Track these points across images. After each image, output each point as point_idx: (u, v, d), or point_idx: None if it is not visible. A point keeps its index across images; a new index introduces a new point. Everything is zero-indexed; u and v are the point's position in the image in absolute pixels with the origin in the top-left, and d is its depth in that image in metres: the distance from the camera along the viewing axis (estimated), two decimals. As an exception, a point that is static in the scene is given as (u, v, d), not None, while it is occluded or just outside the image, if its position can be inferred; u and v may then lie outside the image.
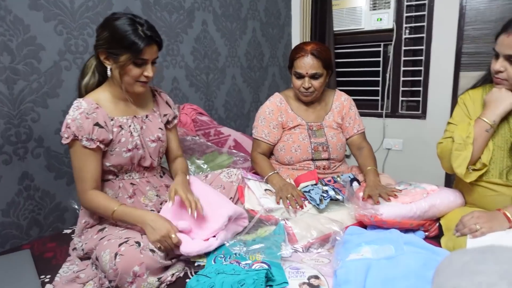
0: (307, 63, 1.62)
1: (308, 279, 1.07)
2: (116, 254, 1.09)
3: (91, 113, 1.23)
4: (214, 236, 1.24)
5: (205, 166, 1.84)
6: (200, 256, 1.22)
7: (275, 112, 1.74)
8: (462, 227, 1.21)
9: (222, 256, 1.14)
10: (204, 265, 1.17)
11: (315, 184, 1.55)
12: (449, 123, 1.44)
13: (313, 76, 1.65)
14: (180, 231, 1.22)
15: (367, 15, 2.75)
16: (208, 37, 2.28)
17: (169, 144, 1.50)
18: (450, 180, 1.45)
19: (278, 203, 1.47)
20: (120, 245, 1.12)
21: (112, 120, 1.28)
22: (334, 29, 2.85)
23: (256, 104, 2.74)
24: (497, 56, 1.26)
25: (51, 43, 1.53)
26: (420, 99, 2.73)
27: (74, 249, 1.36)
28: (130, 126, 1.32)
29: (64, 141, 1.21)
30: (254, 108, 2.72)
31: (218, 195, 1.43)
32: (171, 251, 1.20)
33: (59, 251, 1.41)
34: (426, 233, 1.39)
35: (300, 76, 1.66)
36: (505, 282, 0.36)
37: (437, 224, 1.41)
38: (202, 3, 2.21)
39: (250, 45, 2.63)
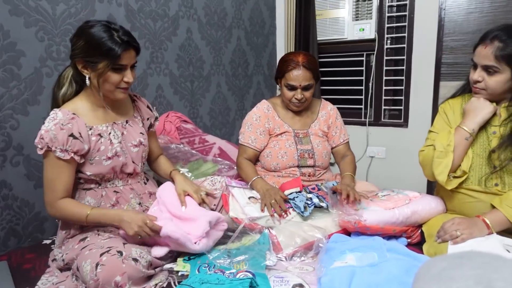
0: (300, 76, 1.65)
1: (293, 287, 1.07)
2: (97, 264, 1.07)
3: (66, 123, 1.21)
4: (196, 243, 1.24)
5: (190, 175, 1.82)
6: (184, 265, 1.20)
7: (262, 119, 1.75)
8: (444, 233, 1.23)
9: (206, 265, 1.14)
10: (188, 275, 1.16)
11: (300, 192, 1.55)
12: (430, 131, 1.48)
13: (305, 88, 1.68)
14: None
15: (350, 25, 2.81)
16: (193, 45, 2.29)
17: (150, 146, 1.51)
18: (432, 188, 1.49)
19: (262, 210, 1.47)
20: (101, 254, 1.10)
21: (90, 129, 1.27)
22: (318, 38, 2.89)
23: (241, 112, 2.75)
24: (475, 66, 1.30)
25: (32, 49, 1.50)
26: (402, 108, 2.79)
27: (54, 260, 1.32)
28: (110, 133, 1.31)
29: (39, 152, 1.20)
30: (239, 116, 2.73)
31: (194, 203, 1.41)
32: (153, 238, 1.24)
33: (38, 262, 1.37)
34: (409, 240, 1.41)
35: (292, 88, 1.69)
36: (480, 287, 0.37)
37: (419, 231, 1.44)
38: (187, 11, 2.22)
39: (235, 53, 2.64)
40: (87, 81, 1.23)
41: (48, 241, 1.53)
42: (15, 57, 1.46)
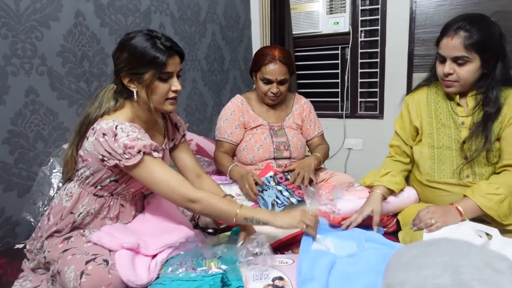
0: (277, 70, 1.67)
1: (273, 280, 1.07)
2: (82, 273, 1.03)
3: (144, 133, 1.16)
4: (159, 253, 1.20)
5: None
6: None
7: (237, 113, 1.76)
8: (419, 221, 1.26)
9: (179, 263, 1.12)
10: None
11: (272, 176, 1.59)
12: (394, 128, 1.53)
13: (281, 82, 1.70)
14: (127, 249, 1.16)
15: (324, 19, 2.82)
16: (167, 40, 2.24)
17: (184, 163, 1.42)
18: (408, 178, 1.53)
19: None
20: (87, 262, 1.06)
21: None
22: (293, 32, 2.90)
23: (218, 107, 2.72)
24: (442, 60, 1.30)
25: (-5, 47, 1.44)
26: (377, 99, 2.83)
27: (27, 260, 1.28)
28: None
29: (127, 163, 1.10)
30: (216, 112, 2.70)
31: (181, 215, 1.38)
32: None
33: (9, 267, 1.32)
34: (385, 229, 1.44)
35: (268, 82, 1.70)
36: (448, 273, 0.37)
37: (395, 220, 1.47)
38: (159, 6, 2.17)
39: (210, 48, 2.61)
40: (135, 97, 1.18)
41: (20, 246, 1.48)
42: (-24, 55, 1.39)
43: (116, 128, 1.13)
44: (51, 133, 1.64)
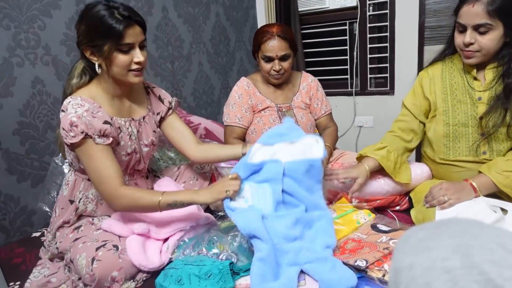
0: (276, 46, 1.62)
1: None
2: (93, 259, 1.05)
3: (96, 112, 1.13)
4: (171, 236, 1.22)
5: (177, 157, 1.80)
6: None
7: (244, 96, 1.73)
8: (431, 198, 1.23)
9: (191, 246, 1.13)
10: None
11: None
12: (403, 103, 1.46)
13: (283, 58, 1.65)
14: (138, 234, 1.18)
15: (331, -6, 2.74)
16: (170, 24, 2.21)
17: (180, 133, 1.39)
18: (421, 155, 1.49)
19: None
20: (97, 249, 1.08)
21: (111, 119, 1.18)
22: (299, 9, 2.82)
23: (225, 90, 2.70)
24: (462, 29, 1.23)
25: (-2, 39, 1.44)
26: (387, 75, 2.76)
27: (44, 248, 1.31)
28: (128, 129, 1.25)
29: (71, 140, 1.09)
30: (224, 94, 2.68)
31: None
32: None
33: (28, 256, 1.36)
34: (398, 207, 1.43)
35: (269, 60, 1.65)
36: (458, 256, 0.36)
37: (407, 197, 1.45)
38: (161, -11, 2.13)
39: (214, 30, 2.57)
40: (98, 69, 1.15)
41: (37, 234, 1.52)
42: (-19, 48, 1.39)
43: (68, 103, 1.12)
44: (60, 122, 1.65)
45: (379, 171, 1.39)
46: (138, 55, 1.14)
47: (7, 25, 1.44)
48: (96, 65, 1.15)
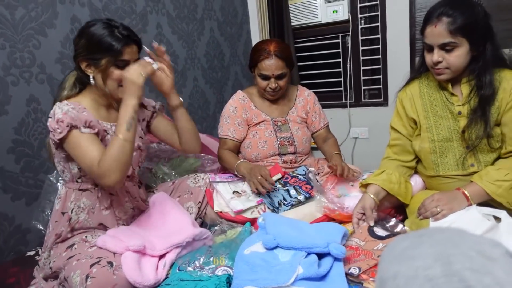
0: (273, 65, 1.64)
1: None
2: (87, 276, 1.04)
3: (81, 112, 1.20)
4: (167, 253, 1.21)
5: (173, 172, 1.80)
6: None
7: (239, 110, 1.74)
8: (424, 210, 1.23)
9: (187, 262, 1.13)
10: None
11: (281, 178, 1.56)
12: (391, 126, 1.47)
13: (279, 77, 1.66)
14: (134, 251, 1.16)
15: (323, 8, 2.79)
16: (164, 40, 2.24)
17: (169, 130, 1.50)
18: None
19: (254, 191, 1.49)
20: (91, 266, 1.07)
21: (97, 122, 1.25)
22: (292, 23, 2.87)
23: (221, 104, 2.72)
24: (429, 48, 1.25)
25: (-6, 58, 1.45)
26: (381, 86, 2.80)
27: (38, 267, 1.30)
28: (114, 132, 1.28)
29: (58, 136, 1.14)
30: (219, 109, 2.70)
31: (186, 214, 1.39)
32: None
33: (22, 275, 1.34)
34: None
35: (266, 78, 1.67)
36: (438, 264, 0.37)
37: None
38: (155, 6, 2.17)
39: (209, 45, 2.60)
40: (92, 81, 1.22)
41: (32, 253, 1.50)
42: (-24, 68, 1.41)
43: (55, 107, 1.18)
44: (55, 140, 1.65)
45: None
46: None
47: (2, 45, 1.46)
48: (91, 77, 1.22)
